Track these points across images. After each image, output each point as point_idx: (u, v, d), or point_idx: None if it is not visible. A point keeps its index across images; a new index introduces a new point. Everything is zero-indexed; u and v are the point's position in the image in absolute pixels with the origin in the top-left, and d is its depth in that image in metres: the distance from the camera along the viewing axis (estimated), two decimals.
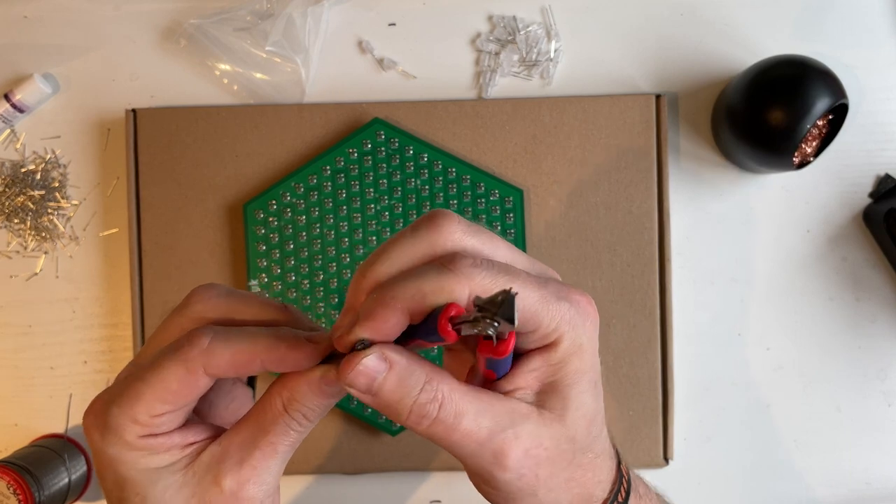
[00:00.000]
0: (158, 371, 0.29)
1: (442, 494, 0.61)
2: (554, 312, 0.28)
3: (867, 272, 0.60)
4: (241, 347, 0.29)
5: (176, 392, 0.29)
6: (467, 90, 0.60)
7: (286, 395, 0.30)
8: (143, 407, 0.29)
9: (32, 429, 0.61)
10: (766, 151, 0.54)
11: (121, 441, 0.30)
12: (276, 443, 0.30)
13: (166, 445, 0.30)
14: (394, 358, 0.27)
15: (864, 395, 0.60)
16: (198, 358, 0.29)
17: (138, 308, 0.58)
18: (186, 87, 0.60)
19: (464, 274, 0.27)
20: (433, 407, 0.27)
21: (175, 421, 0.30)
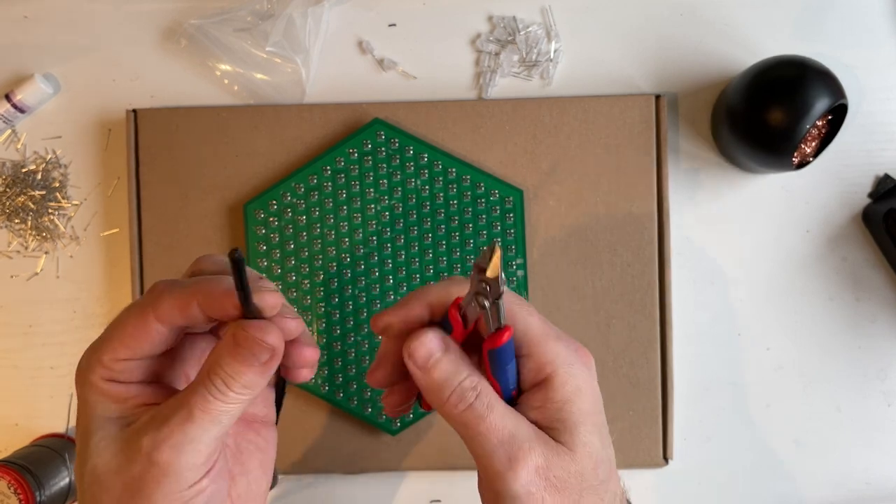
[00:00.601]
0: (121, 315, 0.31)
1: (442, 494, 0.61)
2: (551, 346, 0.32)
3: (867, 272, 0.60)
4: (182, 292, 0.30)
5: (132, 336, 0.30)
6: (467, 90, 0.60)
7: (209, 360, 0.30)
8: (108, 348, 0.31)
9: (33, 428, 0.61)
10: (766, 151, 0.54)
11: (88, 381, 0.31)
12: (193, 407, 0.29)
13: (123, 395, 0.31)
14: (451, 344, 0.32)
15: (864, 395, 0.60)
16: (148, 304, 0.31)
17: None
18: (187, 88, 0.61)
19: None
20: (472, 394, 0.31)
21: (136, 372, 0.31)
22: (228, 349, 0.29)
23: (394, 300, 0.57)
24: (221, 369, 0.29)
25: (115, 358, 0.31)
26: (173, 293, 0.30)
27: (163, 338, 0.31)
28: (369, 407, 0.57)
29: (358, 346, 0.57)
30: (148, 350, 0.31)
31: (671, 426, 0.58)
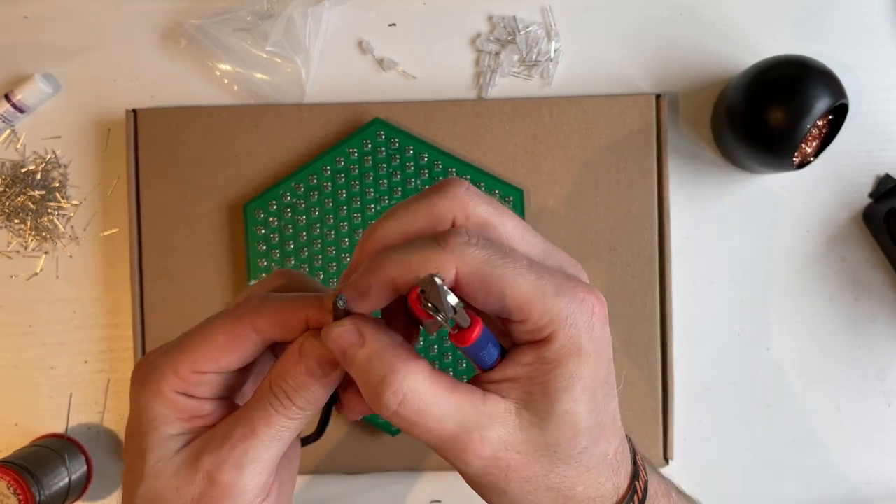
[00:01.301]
0: (208, 325, 0.29)
1: (442, 494, 0.61)
2: (549, 305, 0.27)
3: (867, 272, 0.60)
4: (288, 302, 0.29)
5: (222, 346, 0.29)
6: (467, 90, 0.60)
7: (272, 373, 0.29)
8: (188, 357, 0.29)
9: (33, 428, 0.61)
10: (766, 151, 0.54)
11: (156, 391, 0.29)
12: (256, 423, 0.28)
13: (193, 412, 0.29)
14: (369, 336, 0.27)
15: (864, 395, 0.60)
16: (247, 313, 0.29)
17: (138, 308, 0.58)
18: (187, 88, 0.61)
19: (453, 250, 0.26)
20: (394, 399, 0.26)
21: (212, 387, 0.29)
22: (295, 361, 0.28)
23: None
24: (286, 382, 0.28)
25: (196, 369, 0.29)
26: (278, 305, 0.29)
27: (254, 350, 0.29)
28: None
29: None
30: (235, 362, 0.29)
31: (671, 426, 0.58)
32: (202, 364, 0.29)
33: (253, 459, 0.28)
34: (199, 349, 0.29)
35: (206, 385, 0.29)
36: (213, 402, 0.30)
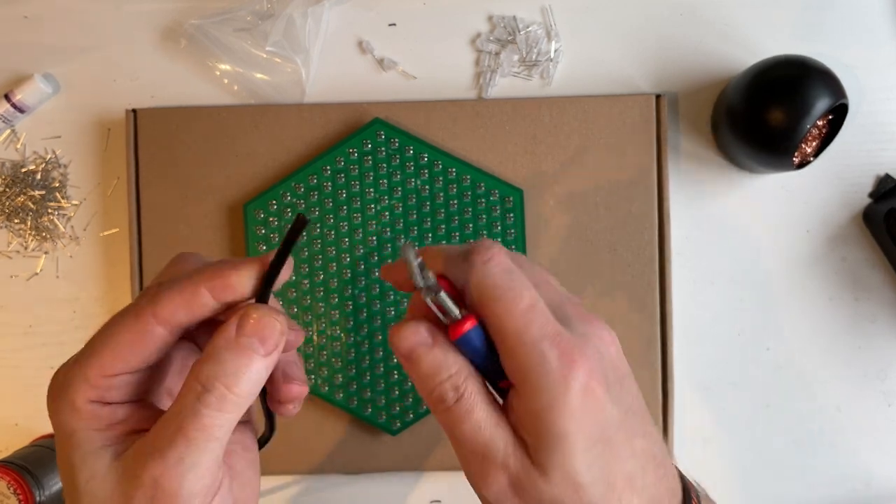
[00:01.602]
0: (111, 326, 0.28)
1: (442, 494, 0.61)
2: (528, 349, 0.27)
3: (867, 272, 0.60)
4: (184, 281, 0.28)
5: (128, 344, 0.27)
6: (467, 90, 0.60)
7: (201, 365, 0.27)
8: (97, 362, 0.28)
9: (33, 429, 0.61)
10: (766, 151, 0.54)
11: (69, 404, 0.28)
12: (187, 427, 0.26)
13: (109, 419, 0.28)
14: (440, 338, 0.29)
15: (864, 395, 0.60)
16: (145, 305, 0.28)
17: None
18: (187, 88, 0.61)
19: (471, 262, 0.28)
20: (453, 395, 0.28)
21: (127, 390, 0.28)
22: (227, 343, 0.27)
23: (393, 300, 0.57)
24: (221, 368, 0.26)
25: (105, 373, 0.27)
26: (175, 287, 0.28)
27: (162, 343, 0.28)
28: (369, 407, 0.57)
29: (358, 346, 0.57)
30: (145, 359, 0.28)
31: (671, 426, 0.58)
32: (110, 366, 0.27)
33: (192, 466, 0.26)
34: (106, 351, 0.28)
35: (118, 388, 0.28)
36: (129, 406, 0.28)
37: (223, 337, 0.27)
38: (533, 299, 0.28)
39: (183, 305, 0.28)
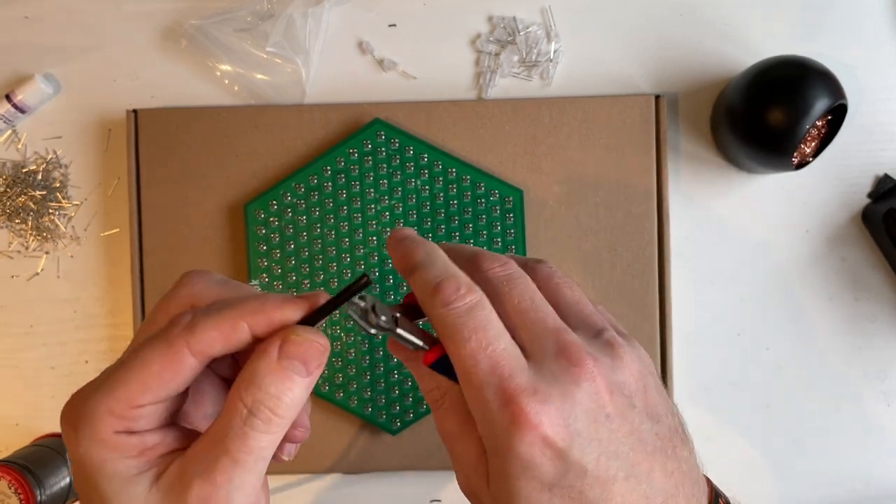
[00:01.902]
0: (139, 354, 0.27)
1: (442, 494, 0.61)
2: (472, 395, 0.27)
3: (866, 272, 0.60)
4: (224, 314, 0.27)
5: (158, 375, 0.27)
6: (467, 91, 0.61)
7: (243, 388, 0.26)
8: (124, 394, 0.26)
9: (34, 428, 0.61)
10: (766, 152, 0.54)
11: (93, 436, 0.27)
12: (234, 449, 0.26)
13: (140, 447, 0.27)
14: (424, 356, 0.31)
15: (864, 395, 0.60)
16: (180, 335, 0.27)
17: (139, 308, 0.58)
18: (187, 88, 0.61)
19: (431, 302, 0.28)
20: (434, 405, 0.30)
21: (155, 417, 0.27)
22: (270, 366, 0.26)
23: (394, 300, 0.57)
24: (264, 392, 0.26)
25: (133, 405, 0.26)
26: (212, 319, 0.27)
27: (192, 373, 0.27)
28: (369, 407, 0.57)
29: (357, 346, 0.57)
30: (174, 390, 0.27)
31: None
32: (139, 398, 0.27)
33: (240, 486, 0.26)
34: (134, 382, 0.27)
35: (146, 417, 0.27)
36: (159, 432, 0.28)
37: (265, 360, 0.27)
38: (484, 340, 0.27)
39: (221, 339, 0.27)
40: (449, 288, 0.28)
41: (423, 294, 0.28)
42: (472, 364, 0.27)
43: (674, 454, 0.29)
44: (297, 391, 0.27)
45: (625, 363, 0.28)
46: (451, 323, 0.27)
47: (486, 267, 0.30)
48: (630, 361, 0.29)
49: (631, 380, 0.28)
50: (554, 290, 0.31)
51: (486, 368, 0.27)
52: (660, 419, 0.29)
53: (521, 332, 0.28)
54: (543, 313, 0.29)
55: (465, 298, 0.28)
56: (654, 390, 0.29)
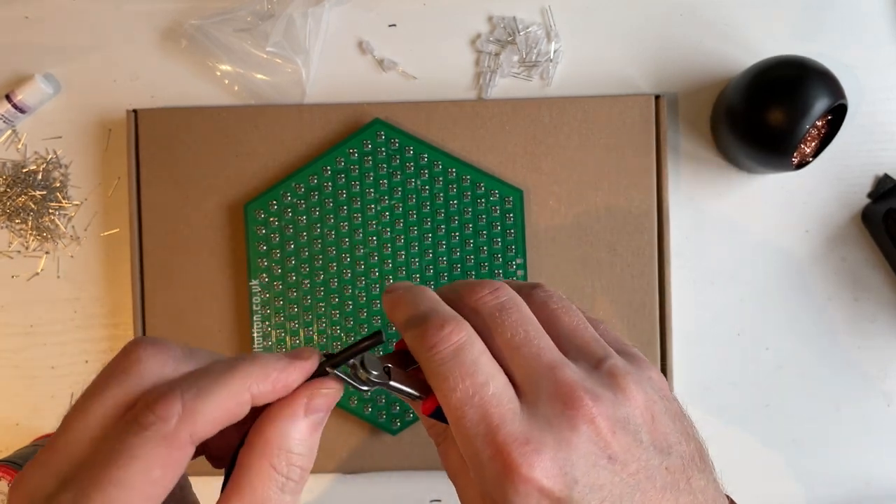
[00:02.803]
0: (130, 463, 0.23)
1: (442, 494, 0.61)
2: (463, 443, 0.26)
3: (866, 272, 0.60)
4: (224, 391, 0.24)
5: (161, 480, 0.23)
6: (467, 91, 0.61)
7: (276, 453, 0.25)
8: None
9: (34, 428, 0.61)
10: (766, 152, 0.54)
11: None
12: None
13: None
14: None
15: (864, 395, 0.60)
16: (181, 429, 0.23)
17: (139, 308, 0.58)
18: (187, 88, 0.61)
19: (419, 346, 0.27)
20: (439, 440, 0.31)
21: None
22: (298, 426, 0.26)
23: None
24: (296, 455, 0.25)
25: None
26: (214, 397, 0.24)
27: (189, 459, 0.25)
28: (369, 407, 0.57)
29: None
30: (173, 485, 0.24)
31: None
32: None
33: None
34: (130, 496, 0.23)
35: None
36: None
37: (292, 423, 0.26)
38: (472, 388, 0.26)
39: (224, 419, 0.25)
40: (432, 329, 0.26)
41: (409, 340, 0.27)
42: (460, 416, 0.25)
43: (688, 487, 0.27)
44: (315, 442, 0.27)
45: (628, 395, 0.26)
46: (436, 371, 0.26)
47: (475, 297, 0.28)
48: (634, 392, 0.27)
49: (636, 413, 0.26)
50: (550, 317, 0.29)
51: (474, 419, 0.25)
52: (670, 450, 0.27)
53: (515, 368, 0.27)
54: (537, 347, 0.27)
55: (450, 339, 0.26)
56: (665, 418, 0.27)
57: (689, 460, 0.27)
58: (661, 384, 0.28)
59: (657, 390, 0.28)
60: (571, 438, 0.25)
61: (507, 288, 0.29)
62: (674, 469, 0.26)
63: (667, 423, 0.27)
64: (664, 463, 0.26)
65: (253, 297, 0.57)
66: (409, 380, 0.28)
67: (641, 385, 0.27)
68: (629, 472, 0.25)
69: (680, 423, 0.28)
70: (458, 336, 0.26)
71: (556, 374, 0.26)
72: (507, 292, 0.28)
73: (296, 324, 0.57)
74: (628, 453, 0.26)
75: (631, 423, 0.26)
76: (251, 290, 0.58)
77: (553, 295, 0.29)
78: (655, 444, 0.26)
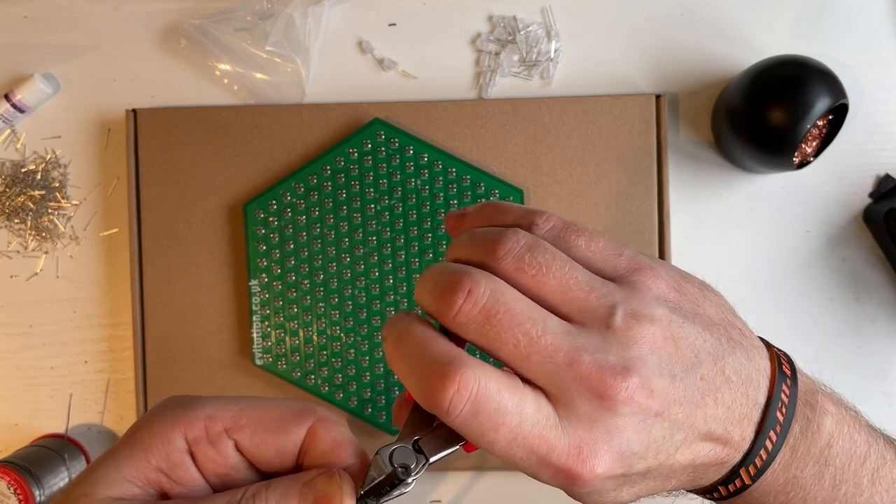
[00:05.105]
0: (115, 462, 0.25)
1: (442, 494, 0.61)
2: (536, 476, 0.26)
3: (867, 272, 0.60)
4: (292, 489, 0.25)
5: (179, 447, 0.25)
6: (467, 90, 0.60)
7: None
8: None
9: (33, 428, 0.61)
10: (766, 151, 0.54)
11: None
12: None
13: None
14: None
15: (864, 395, 0.60)
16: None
17: (138, 308, 0.58)
18: (187, 87, 0.61)
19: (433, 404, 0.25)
20: None
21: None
22: None
23: (393, 300, 0.57)
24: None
25: None
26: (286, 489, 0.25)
27: None
28: (369, 407, 0.57)
29: (357, 346, 0.57)
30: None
31: None
32: None
33: None
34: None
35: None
36: None
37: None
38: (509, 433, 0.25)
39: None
40: (438, 391, 0.24)
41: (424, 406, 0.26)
42: (510, 459, 0.25)
43: (723, 378, 0.27)
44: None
45: (649, 340, 0.26)
46: (466, 432, 0.25)
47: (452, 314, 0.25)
48: (652, 333, 0.26)
49: (662, 352, 0.26)
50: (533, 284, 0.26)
51: (524, 456, 0.25)
52: (700, 359, 0.27)
53: (533, 378, 0.25)
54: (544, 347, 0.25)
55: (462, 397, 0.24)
56: (684, 329, 0.27)
57: (717, 353, 0.27)
58: (665, 291, 0.28)
59: (667, 305, 0.27)
60: (618, 423, 0.25)
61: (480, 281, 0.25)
62: (707, 374, 0.27)
63: (688, 333, 0.27)
64: (698, 375, 0.27)
65: (252, 297, 0.57)
66: (441, 437, 0.26)
67: (654, 318, 0.26)
68: (674, 412, 0.26)
69: (698, 319, 0.28)
70: (467, 391, 0.24)
71: (578, 369, 0.25)
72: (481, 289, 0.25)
73: (295, 324, 0.57)
74: (668, 397, 0.26)
75: (662, 367, 0.26)
76: (251, 290, 0.57)
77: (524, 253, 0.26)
78: (686, 365, 0.26)
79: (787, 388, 0.28)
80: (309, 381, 0.57)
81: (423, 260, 0.57)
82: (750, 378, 0.28)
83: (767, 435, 0.28)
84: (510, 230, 0.27)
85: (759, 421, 0.28)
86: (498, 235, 0.27)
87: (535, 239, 0.27)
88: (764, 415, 0.28)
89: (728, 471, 0.28)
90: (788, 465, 0.28)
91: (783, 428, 0.28)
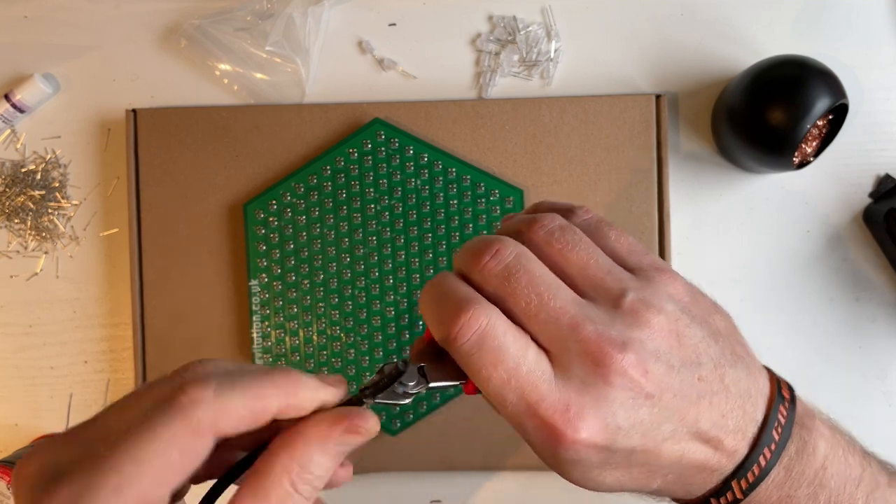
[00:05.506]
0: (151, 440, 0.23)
1: (442, 494, 0.61)
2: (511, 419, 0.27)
3: (867, 272, 0.60)
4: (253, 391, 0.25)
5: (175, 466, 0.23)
6: (467, 90, 0.60)
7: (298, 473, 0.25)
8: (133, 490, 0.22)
9: (33, 428, 0.61)
10: (766, 151, 0.54)
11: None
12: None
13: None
14: None
15: (864, 395, 0.60)
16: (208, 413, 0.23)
17: (138, 308, 0.58)
18: (187, 87, 0.61)
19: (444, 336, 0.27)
20: None
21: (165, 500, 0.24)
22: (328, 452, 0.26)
23: (393, 300, 0.57)
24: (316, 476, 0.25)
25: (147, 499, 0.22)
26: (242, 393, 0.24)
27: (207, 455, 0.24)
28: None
29: (357, 346, 0.57)
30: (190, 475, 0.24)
31: None
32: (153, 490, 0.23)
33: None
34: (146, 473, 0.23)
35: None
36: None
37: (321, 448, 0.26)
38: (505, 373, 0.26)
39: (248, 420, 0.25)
40: (450, 321, 0.26)
41: (435, 335, 0.28)
42: (500, 400, 0.27)
43: (721, 385, 0.28)
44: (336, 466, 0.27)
45: (653, 327, 0.27)
46: (467, 363, 0.27)
47: (479, 267, 0.28)
48: (658, 322, 0.27)
49: (663, 342, 0.27)
50: (558, 258, 0.28)
51: (514, 400, 0.26)
52: (700, 360, 0.28)
53: (538, 335, 0.27)
54: (554, 310, 0.27)
55: (470, 328, 0.26)
56: (690, 329, 0.28)
57: (718, 360, 0.28)
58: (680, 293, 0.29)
59: (678, 304, 0.28)
60: (608, 393, 0.26)
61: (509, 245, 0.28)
62: (706, 376, 0.28)
63: (693, 334, 0.28)
64: (696, 374, 0.28)
65: (252, 297, 0.57)
66: (445, 371, 0.28)
67: (663, 310, 0.27)
68: (666, 400, 0.27)
69: (706, 325, 0.29)
70: (477, 323, 0.26)
71: (580, 333, 0.26)
72: (508, 251, 0.27)
73: (295, 324, 0.57)
74: (662, 384, 0.27)
75: (661, 354, 0.27)
76: (251, 290, 0.57)
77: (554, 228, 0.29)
78: (686, 361, 0.27)
79: (784, 409, 0.29)
80: None
81: (423, 260, 0.57)
82: (748, 393, 0.29)
83: (762, 451, 0.28)
84: (550, 213, 0.30)
85: (755, 437, 0.28)
86: (539, 215, 0.30)
87: (569, 224, 0.29)
88: (760, 431, 0.28)
89: (720, 481, 0.29)
90: (782, 484, 0.29)
91: (778, 446, 0.28)
